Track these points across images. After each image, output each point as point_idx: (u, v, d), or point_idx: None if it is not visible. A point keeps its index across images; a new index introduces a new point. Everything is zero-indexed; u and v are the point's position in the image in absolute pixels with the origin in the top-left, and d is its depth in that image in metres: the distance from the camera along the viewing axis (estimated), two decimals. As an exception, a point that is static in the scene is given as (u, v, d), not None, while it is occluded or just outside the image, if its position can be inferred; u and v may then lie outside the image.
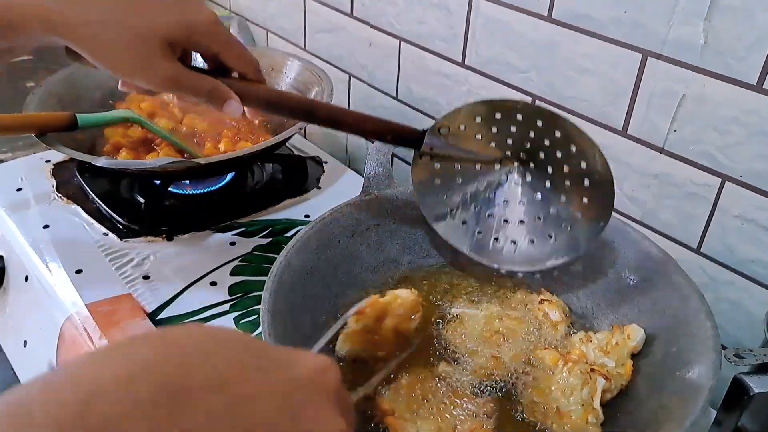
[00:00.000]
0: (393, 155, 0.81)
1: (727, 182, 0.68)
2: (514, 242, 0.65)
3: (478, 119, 0.63)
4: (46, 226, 0.85)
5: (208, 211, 0.89)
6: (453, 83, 0.92)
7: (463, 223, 0.66)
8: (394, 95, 1.03)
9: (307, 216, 0.89)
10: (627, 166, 0.76)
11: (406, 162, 1.03)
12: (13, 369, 0.84)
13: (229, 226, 0.86)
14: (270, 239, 0.84)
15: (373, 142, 0.68)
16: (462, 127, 0.63)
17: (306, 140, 1.11)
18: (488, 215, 0.66)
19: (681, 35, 0.66)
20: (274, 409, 0.29)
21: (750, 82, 0.63)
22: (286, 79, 0.99)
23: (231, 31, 1.15)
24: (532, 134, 0.62)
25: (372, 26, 1.01)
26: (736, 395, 0.52)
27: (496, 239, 0.66)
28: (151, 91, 0.56)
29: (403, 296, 0.61)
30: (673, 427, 0.49)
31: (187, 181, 0.92)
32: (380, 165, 0.72)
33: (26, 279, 0.81)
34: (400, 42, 0.98)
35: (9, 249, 0.85)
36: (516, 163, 0.64)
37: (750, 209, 0.67)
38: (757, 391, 0.50)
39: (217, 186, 0.93)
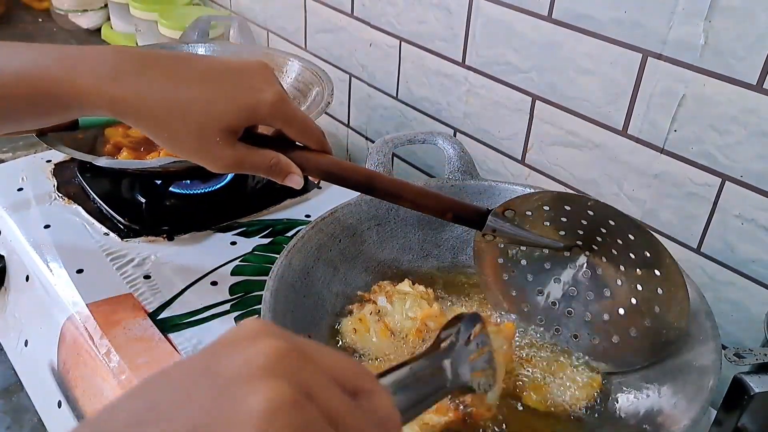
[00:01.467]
0: (393, 155, 0.81)
1: (727, 182, 0.68)
2: (575, 337, 0.62)
3: (547, 207, 0.61)
4: (46, 226, 0.85)
5: (208, 211, 0.89)
6: (453, 83, 0.92)
7: (525, 309, 0.65)
8: (395, 95, 1.03)
9: (307, 216, 0.89)
10: (627, 165, 0.76)
11: (407, 162, 1.03)
12: (13, 369, 0.84)
13: (229, 226, 0.86)
14: (271, 239, 0.84)
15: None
16: (529, 213, 0.61)
17: (306, 140, 1.11)
18: (552, 303, 0.64)
19: (681, 35, 0.66)
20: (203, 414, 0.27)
21: (750, 82, 0.63)
22: (287, 80, 0.99)
23: (231, 31, 1.15)
24: (604, 230, 0.59)
25: (372, 26, 1.01)
26: (737, 395, 0.52)
27: (557, 330, 0.63)
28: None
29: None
30: (673, 427, 0.49)
31: (188, 181, 0.92)
32: (380, 165, 0.72)
33: (27, 279, 0.81)
34: (400, 42, 0.98)
35: (10, 249, 0.85)
36: (587, 253, 0.61)
37: (750, 209, 0.67)
38: (757, 390, 0.51)
39: (218, 186, 0.93)
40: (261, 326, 0.29)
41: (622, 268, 0.59)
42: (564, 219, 0.61)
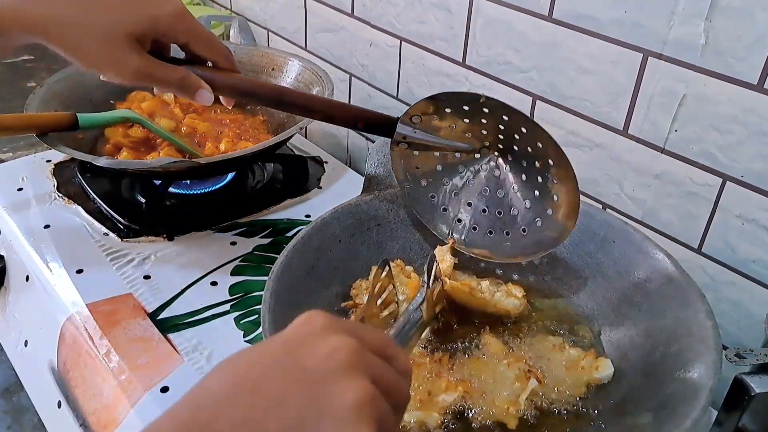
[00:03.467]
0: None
1: (727, 182, 0.67)
2: (491, 232, 0.67)
3: (448, 110, 0.64)
4: (46, 226, 0.85)
5: (208, 211, 0.89)
6: (453, 83, 0.92)
7: (444, 210, 0.69)
8: (395, 95, 1.03)
9: (307, 216, 0.89)
10: (627, 165, 0.76)
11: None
12: (13, 369, 0.84)
13: (229, 226, 0.86)
14: (271, 239, 0.84)
15: (369, 137, 0.70)
16: (435, 118, 0.64)
17: (307, 140, 1.11)
18: (467, 203, 0.69)
19: (681, 35, 0.66)
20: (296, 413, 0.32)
21: (750, 81, 0.63)
22: (287, 79, 0.99)
23: (232, 31, 1.15)
24: (502, 127, 0.63)
25: (373, 26, 1.01)
26: (737, 395, 0.52)
27: (474, 228, 0.69)
28: (126, 84, 0.58)
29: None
30: (673, 427, 0.49)
31: (188, 181, 0.92)
32: (380, 165, 0.72)
33: (27, 279, 0.81)
34: (400, 42, 0.98)
35: (10, 249, 0.85)
36: (496, 153, 0.66)
37: (751, 209, 0.67)
38: (758, 391, 0.50)
39: (218, 186, 0.93)
40: (325, 320, 0.36)
41: (524, 163, 0.64)
42: (467, 121, 0.64)
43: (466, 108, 0.63)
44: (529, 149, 0.63)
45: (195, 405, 0.32)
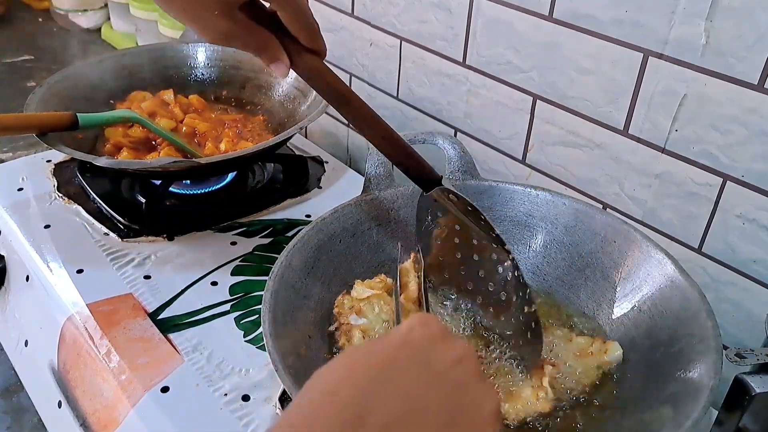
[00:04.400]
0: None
1: (728, 182, 0.67)
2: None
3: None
4: (47, 226, 0.85)
5: (208, 211, 0.89)
6: (454, 83, 0.92)
7: (446, 276, 0.67)
8: (395, 95, 1.03)
9: (308, 216, 0.89)
10: (628, 165, 0.76)
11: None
12: (14, 369, 0.84)
13: (229, 226, 0.86)
14: (271, 239, 0.84)
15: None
16: (470, 208, 0.61)
17: (307, 140, 1.11)
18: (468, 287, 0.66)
19: (682, 35, 0.66)
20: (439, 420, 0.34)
21: (751, 81, 0.63)
22: (287, 79, 0.99)
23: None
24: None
25: (373, 26, 1.01)
26: (738, 395, 0.52)
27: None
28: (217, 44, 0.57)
29: None
30: (673, 427, 0.49)
31: (188, 181, 0.92)
32: (381, 165, 0.72)
33: (27, 279, 0.81)
34: (401, 42, 0.98)
35: (10, 249, 0.85)
36: (511, 257, 0.61)
37: (751, 209, 0.67)
38: (758, 391, 0.50)
39: (218, 186, 0.93)
40: (440, 325, 0.39)
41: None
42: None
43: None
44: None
45: (338, 402, 0.33)
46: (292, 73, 0.57)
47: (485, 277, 0.63)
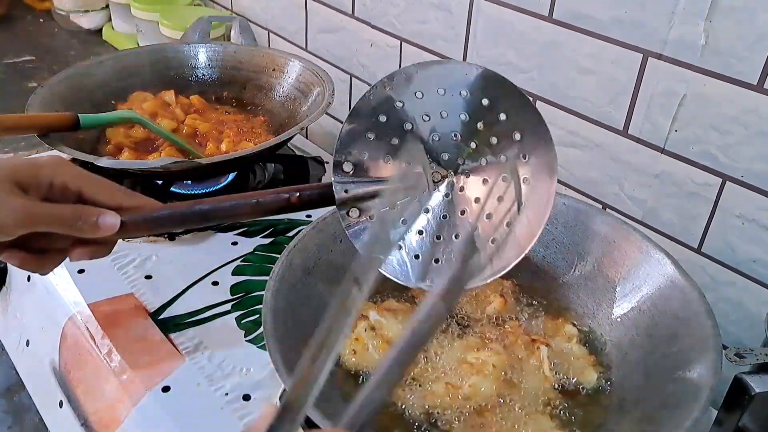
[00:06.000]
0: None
1: (727, 182, 0.68)
2: (436, 261, 0.57)
3: (371, 136, 0.55)
4: (48, 226, 0.85)
5: (209, 211, 0.89)
6: (454, 83, 0.92)
7: (399, 248, 0.58)
8: (396, 95, 1.03)
9: (308, 216, 0.89)
10: (628, 165, 0.76)
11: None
12: (15, 369, 0.84)
13: (230, 226, 0.86)
14: (271, 239, 0.85)
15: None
16: (365, 154, 0.56)
17: (308, 140, 1.11)
18: (422, 237, 0.58)
19: (682, 35, 0.66)
20: None
21: (750, 81, 0.63)
22: (288, 80, 0.99)
23: (232, 32, 1.15)
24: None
25: (373, 27, 1.01)
26: (737, 395, 0.52)
27: (437, 260, 0.57)
28: (9, 236, 0.51)
29: None
30: (673, 427, 0.49)
31: (189, 182, 0.92)
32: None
33: (28, 279, 0.81)
34: (401, 42, 0.98)
35: (11, 249, 0.85)
36: (450, 171, 0.54)
37: (751, 209, 0.67)
38: (758, 390, 0.50)
39: (219, 186, 0.93)
40: None
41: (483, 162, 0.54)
42: (396, 141, 0.54)
43: (382, 119, 0.54)
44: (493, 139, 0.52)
45: None
46: (293, 74, 0.57)
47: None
